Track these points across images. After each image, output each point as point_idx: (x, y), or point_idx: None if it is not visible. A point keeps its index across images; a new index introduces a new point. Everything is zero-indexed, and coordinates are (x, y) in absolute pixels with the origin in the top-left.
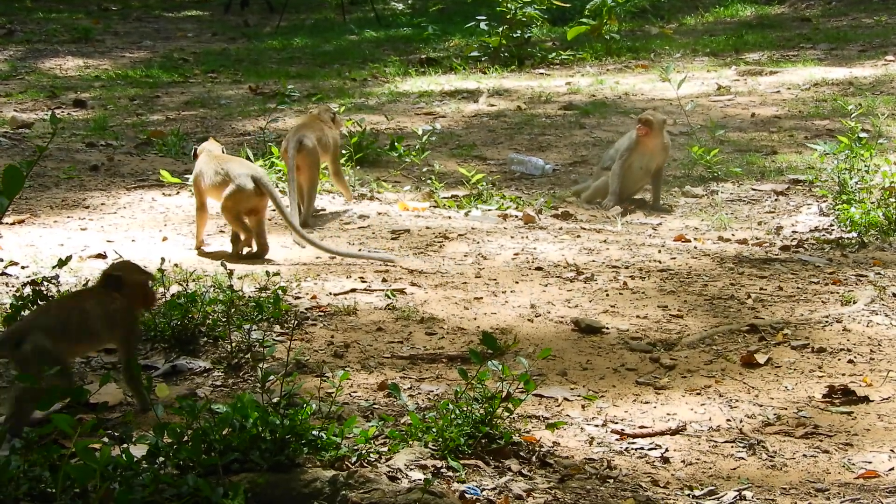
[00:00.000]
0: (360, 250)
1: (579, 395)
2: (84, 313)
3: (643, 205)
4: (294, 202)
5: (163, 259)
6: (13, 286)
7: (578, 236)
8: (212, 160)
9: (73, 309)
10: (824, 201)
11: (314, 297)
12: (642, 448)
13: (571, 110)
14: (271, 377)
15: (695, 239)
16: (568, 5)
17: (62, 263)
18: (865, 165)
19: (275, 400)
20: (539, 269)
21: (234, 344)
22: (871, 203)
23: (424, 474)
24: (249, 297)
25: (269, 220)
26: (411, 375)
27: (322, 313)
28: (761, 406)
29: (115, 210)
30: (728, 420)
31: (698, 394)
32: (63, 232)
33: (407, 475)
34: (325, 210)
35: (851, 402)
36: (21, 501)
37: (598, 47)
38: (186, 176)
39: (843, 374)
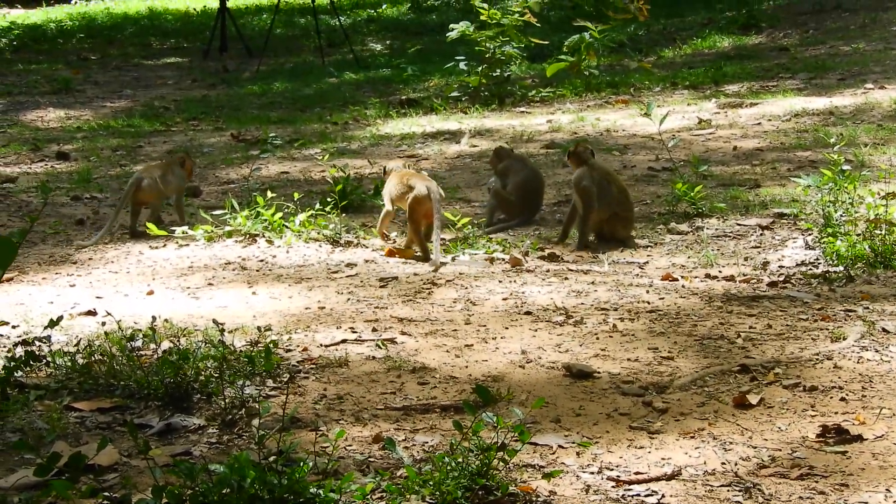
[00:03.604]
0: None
1: (573, 442)
2: None
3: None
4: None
5: (154, 317)
6: (5, 347)
7: (566, 278)
8: None
9: None
10: (810, 234)
11: (305, 350)
12: (639, 495)
13: (554, 149)
14: (267, 434)
15: (682, 277)
16: (546, 42)
17: (53, 323)
18: (849, 197)
19: (271, 458)
20: (528, 313)
21: (227, 400)
22: (857, 235)
23: None
24: (241, 351)
25: (258, 270)
26: (405, 427)
27: (314, 365)
28: (755, 448)
29: (102, 265)
30: (723, 463)
31: (692, 437)
32: (52, 289)
33: None
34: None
35: (845, 441)
36: None
37: (577, 83)
38: (173, 228)
39: (836, 413)
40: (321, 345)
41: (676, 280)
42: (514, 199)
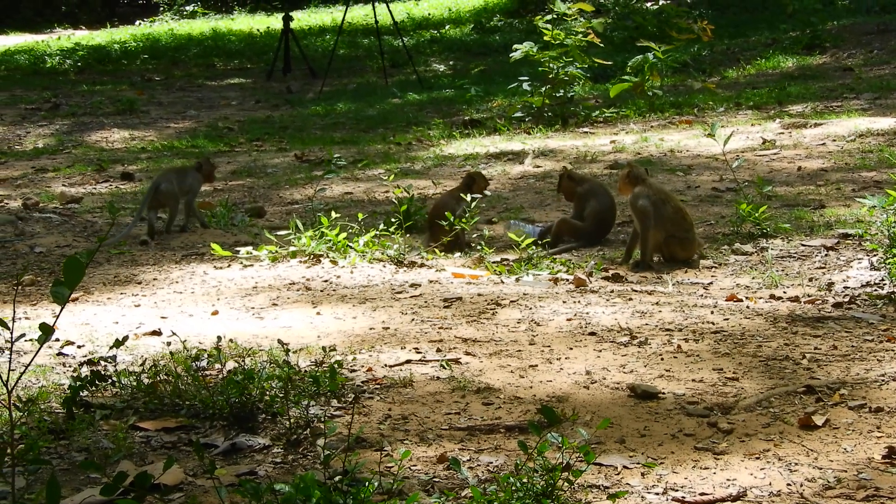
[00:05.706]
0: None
1: (638, 463)
2: None
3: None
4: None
5: (219, 337)
6: (71, 366)
7: (630, 299)
8: None
9: None
10: (875, 255)
11: (370, 370)
12: None
13: (617, 169)
14: (332, 454)
15: (747, 298)
16: (609, 63)
17: (118, 343)
18: None
19: (336, 478)
20: (592, 334)
21: (292, 420)
22: None
23: None
24: (305, 371)
25: (322, 290)
26: (470, 447)
27: (378, 386)
28: (821, 469)
29: (167, 285)
30: (788, 484)
31: (757, 458)
32: (117, 309)
33: None
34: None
35: None
36: None
37: (641, 103)
38: (237, 248)
39: None
40: (386, 365)
41: (741, 301)
42: (587, 225)
